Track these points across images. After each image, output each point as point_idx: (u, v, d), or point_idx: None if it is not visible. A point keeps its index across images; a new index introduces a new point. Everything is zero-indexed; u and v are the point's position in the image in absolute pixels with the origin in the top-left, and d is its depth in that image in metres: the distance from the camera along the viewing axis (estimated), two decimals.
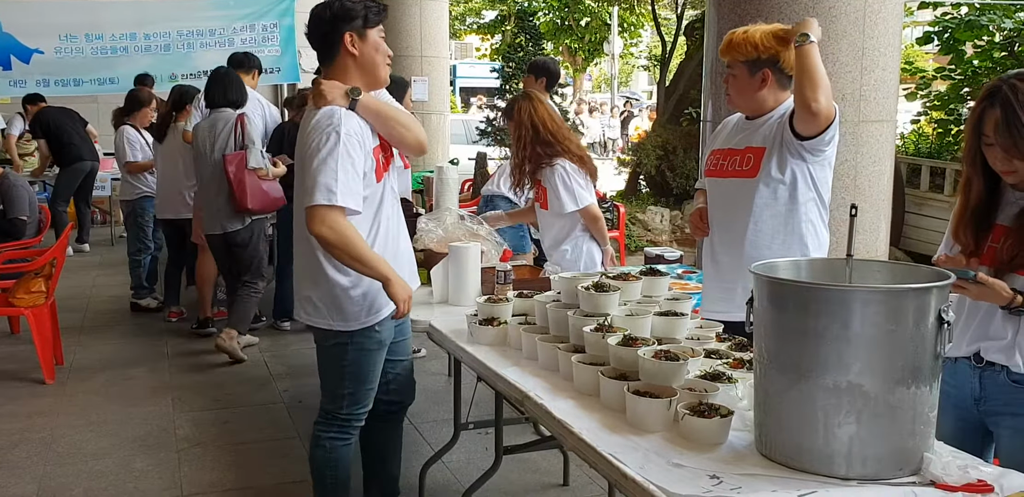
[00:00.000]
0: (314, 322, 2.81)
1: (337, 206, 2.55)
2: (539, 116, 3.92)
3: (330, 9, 2.66)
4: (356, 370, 2.84)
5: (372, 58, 2.70)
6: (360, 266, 2.63)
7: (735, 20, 4.39)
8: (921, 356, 1.76)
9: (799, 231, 2.87)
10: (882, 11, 4.21)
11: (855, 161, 4.27)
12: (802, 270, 2.04)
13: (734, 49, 2.83)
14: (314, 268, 2.74)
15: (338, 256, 2.62)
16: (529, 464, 3.82)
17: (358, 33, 2.67)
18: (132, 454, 4.01)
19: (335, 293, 2.73)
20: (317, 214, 2.55)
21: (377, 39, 2.71)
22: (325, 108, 2.62)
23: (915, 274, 1.91)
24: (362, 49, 2.68)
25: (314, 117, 2.63)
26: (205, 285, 5.92)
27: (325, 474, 2.96)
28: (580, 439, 2.02)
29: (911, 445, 1.77)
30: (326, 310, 2.76)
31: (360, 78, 2.71)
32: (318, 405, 2.97)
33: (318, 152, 2.56)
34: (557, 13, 23.18)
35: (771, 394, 1.87)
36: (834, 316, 1.75)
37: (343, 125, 2.58)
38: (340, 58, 2.70)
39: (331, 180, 2.53)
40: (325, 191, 2.53)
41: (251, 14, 10.11)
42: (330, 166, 2.54)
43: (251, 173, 5.17)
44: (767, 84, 2.84)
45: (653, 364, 2.15)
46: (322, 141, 2.56)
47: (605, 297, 2.55)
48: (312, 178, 2.55)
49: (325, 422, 2.95)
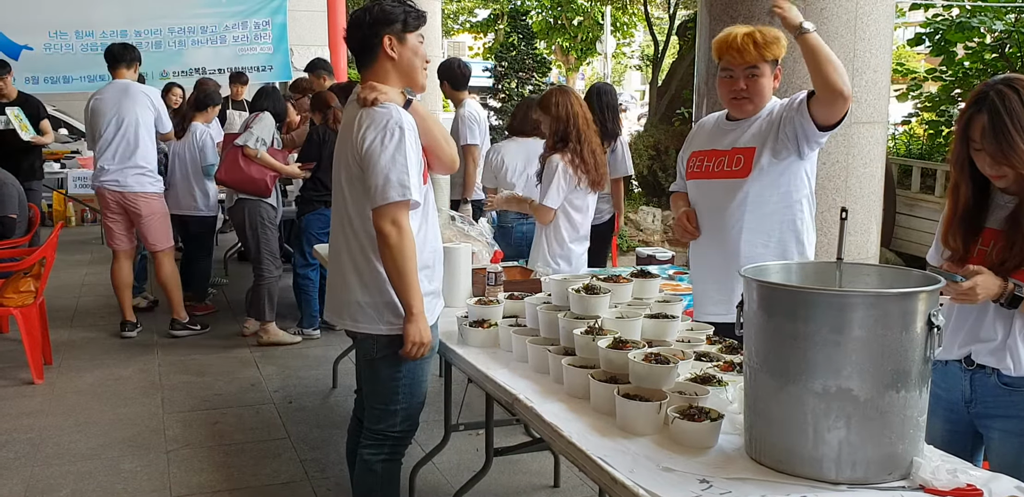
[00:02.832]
0: (364, 329, 2.68)
1: (411, 200, 2.53)
2: (573, 110, 3.91)
3: (370, 13, 2.65)
4: (411, 382, 2.73)
5: (411, 62, 2.69)
6: (398, 278, 2.56)
7: (727, 21, 4.38)
8: (911, 360, 1.76)
9: (795, 228, 2.87)
10: (873, 13, 4.22)
11: (846, 162, 4.27)
12: (792, 274, 2.04)
13: (764, 49, 2.79)
14: (366, 270, 2.65)
15: (388, 257, 2.55)
16: (520, 465, 3.82)
17: (397, 37, 2.65)
18: (121, 455, 3.99)
19: (390, 295, 2.62)
20: (389, 211, 2.52)
21: (416, 43, 2.69)
22: (381, 106, 2.59)
23: (905, 278, 1.91)
24: (401, 53, 2.66)
25: (370, 115, 2.57)
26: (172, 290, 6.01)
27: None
28: (570, 443, 2.01)
29: (900, 449, 1.78)
30: (376, 315, 2.65)
31: (398, 82, 2.69)
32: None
33: (384, 149, 2.52)
34: (550, 12, 23.16)
35: (761, 398, 1.87)
36: (824, 320, 1.75)
37: (404, 121, 2.57)
38: (379, 62, 2.67)
39: (403, 175, 2.52)
40: (399, 187, 2.51)
41: (243, 12, 10.06)
42: (399, 162, 2.52)
43: (236, 149, 5.50)
44: (777, 82, 2.86)
45: (643, 367, 2.15)
46: (387, 137, 2.53)
47: (595, 299, 2.55)
48: (382, 175, 2.51)
49: (376, 444, 2.79)
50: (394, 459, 2.83)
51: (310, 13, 11.13)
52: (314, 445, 4.12)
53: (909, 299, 1.75)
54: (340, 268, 2.73)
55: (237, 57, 10.04)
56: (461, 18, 26.28)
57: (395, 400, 2.73)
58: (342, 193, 2.69)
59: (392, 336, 2.66)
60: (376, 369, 2.74)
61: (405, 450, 2.86)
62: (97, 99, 5.81)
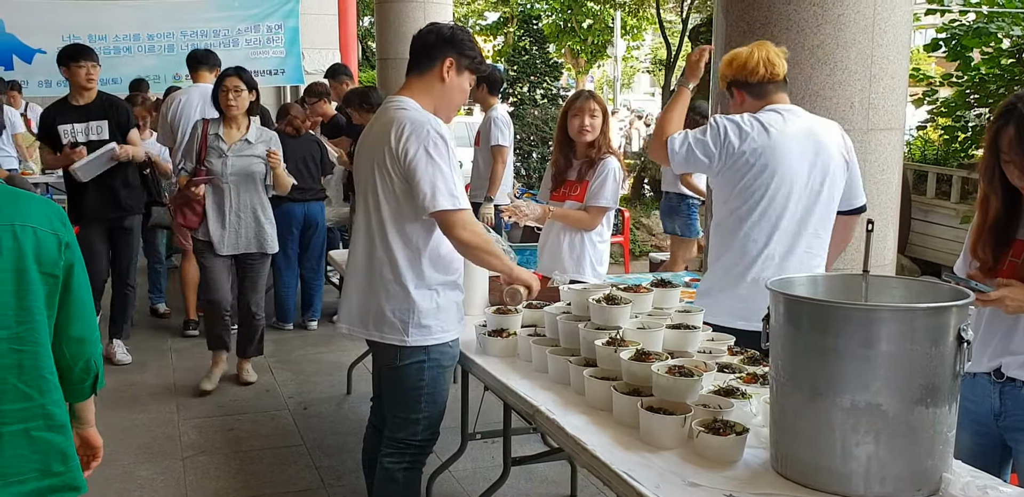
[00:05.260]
0: (389, 339, 2.69)
1: (466, 208, 2.60)
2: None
3: (452, 31, 2.73)
4: (433, 391, 2.74)
5: (453, 94, 2.77)
6: (495, 260, 2.70)
7: (743, 27, 4.37)
8: (940, 375, 1.74)
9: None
10: (891, 19, 4.19)
11: (863, 169, 4.20)
12: (819, 286, 2.03)
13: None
14: (391, 280, 2.66)
15: (477, 256, 2.65)
16: (537, 474, 3.80)
17: (458, 65, 2.71)
18: (137, 461, 3.99)
19: (418, 306, 2.65)
20: (453, 219, 2.57)
21: (466, 84, 2.79)
22: (419, 113, 2.63)
23: (933, 292, 1.90)
24: (452, 80, 2.73)
25: (408, 122, 2.60)
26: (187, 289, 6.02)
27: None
28: (594, 456, 2.00)
29: (930, 465, 1.76)
30: (402, 325, 2.66)
31: (433, 104, 2.73)
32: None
33: (429, 158, 2.55)
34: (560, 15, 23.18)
35: (788, 412, 1.85)
36: (853, 335, 1.73)
37: (442, 129, 2.62)
38: (430, 76, 2.72)
39: (452, 185, 2.57)
40: (448, 196, 2.55)
41: (255, 15, 10.08)
42: (445, 171, 2.57)
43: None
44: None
45: (667, 380, 2.13)
46: (428, 145, 2.56)
47: (617, 310, 2.53)
48: (429, 184, 2.55)
49: (397, 453, 2.79)
50: (415, 468, 2.83)
51: (321, 17, 11.14)
52: (329, 452, 4.11)
53: (940, 314, 1.73)
54: (364, 277, 2.72)
55: (249, 60, 10.02)
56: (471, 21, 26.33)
57: (417, 409, 2.74)
58: (370, 203, 2.69)
59: (413, 347, 2.67)
60: (399, 378, 2.74)
61: (426, 459, 2.86)
62: (181, 101, 5.92)
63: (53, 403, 1.88)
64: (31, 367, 1.83)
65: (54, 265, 1.85)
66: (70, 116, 5.15)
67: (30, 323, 1.82)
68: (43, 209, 1.88)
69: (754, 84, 2.95)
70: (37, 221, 1.85)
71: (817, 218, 2.90)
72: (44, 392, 1.86)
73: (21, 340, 1.81)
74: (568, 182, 3.85)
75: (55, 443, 1.88)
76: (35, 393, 1.84)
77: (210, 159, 4.72)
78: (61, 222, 1.89)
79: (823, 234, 2.94)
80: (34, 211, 1.86)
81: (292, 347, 5.83)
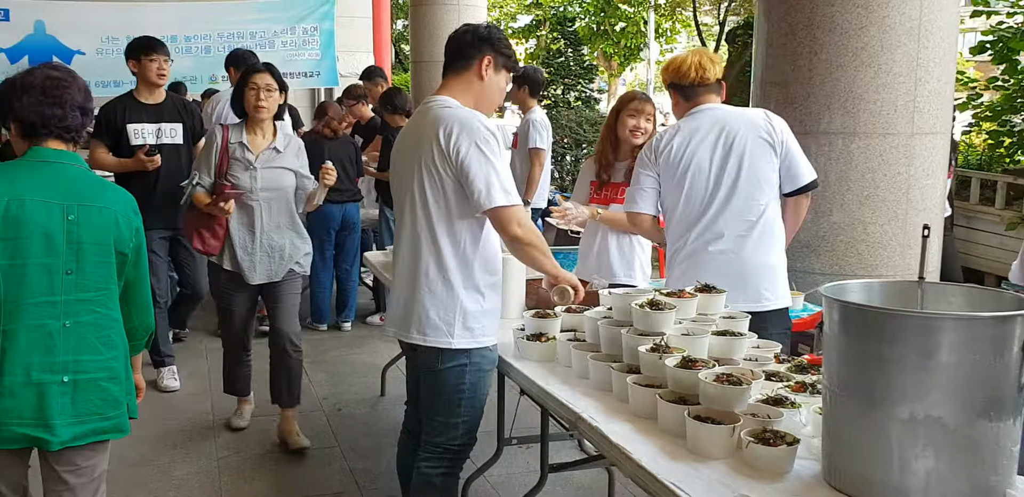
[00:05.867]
0: (433, 342, 2.66)
1: (518, 204, 2.59)
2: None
3: (489, 30, 2.73)
4: (473, 395, 2.72)
5: (492, 92, 2.77)
6: (546, 259, 2.68)
7: (785, 29, 4.31)
8: (1004, 387, 1.67)
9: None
10: (938, 21, 4.11)
11: (908, 174, 4.16)
12: (874, 293, 1.96)
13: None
14: (436, 282, 2.63)
15: (528, 253, 2.64)
16: (573, 480, 3.75)
17: (495, 63, 2.72)
18: (172, 461, 4.00)
19: (464, 307, 2.64)
20: (508, 215, 2.56)
21: (504, 83, 2.79)
22: (464, 111, 2.63)
23: (996, 300, 1.83)
24: (490, 78, 2.73)
25: (455, 119, 2.58)
26: None
27: None
28: (640, 466, 1.95)
29: (993, 482, 1.69)
30: (446, 327, 2.64)
31: (473, 102, 2.72)
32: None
33: (481, 154, 2.54)
34: (593, 18, 23.12)
35: (842, 423, 1.79)
36: (912, 344, 1.67)
37: (491, 125, 2.62)
38: (468, 74, 2.72)
39: (505, 181, 2.56)
40: (503, 192, 2.55)
41: (292, 17, 10.12)
42: (497, 167, 2.56)
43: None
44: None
45: (715, 388, 2.08)
46: (479, 141, 2.55)
47: (660, 316, 2.48)
48: (483, 180, 2.53)
49: (435, 457, 2.76)
50: (452, 473, 2.80)
51: (355, 19, 11.18)
52: (364, 454, 4.10)
53: (1003, 323, 1.66)
54: (409, 279, 2.70)
55: (285, 62, 10.07)
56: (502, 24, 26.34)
57: (457, 413, 2.71)
58: (417, 203, 2.65)
59: (456, 350, 2.65)
60: (440, 382, 2.70)
61: (463, 464, 2.82)
62: (224, 102, 5.81)
63: (114, 358, 2.33)
64: (104, 327, 2.30)
65: (126, 245, 2.31)
66: (140, 115, 4.77)
67: (106, 290, 2.30)
68: (121, 197, 2.35)
69: (686, 86, 3.16)
70: (116, 206, 2.30)
71: (740, 201, 3.07)
72: (110, 347, 2.32)
73: (99, 303, 2.28)
74: (611, 184, 3.80)
75: (112, 392, 2.33)
76: (104, 348, 2.30)
77: (234, 173, 3.98)
78: (134, 211, 2.35)
79: (750, 216, 3.09)
80: (115, 197, 2.32)
81: (326, 348, 5.83)
